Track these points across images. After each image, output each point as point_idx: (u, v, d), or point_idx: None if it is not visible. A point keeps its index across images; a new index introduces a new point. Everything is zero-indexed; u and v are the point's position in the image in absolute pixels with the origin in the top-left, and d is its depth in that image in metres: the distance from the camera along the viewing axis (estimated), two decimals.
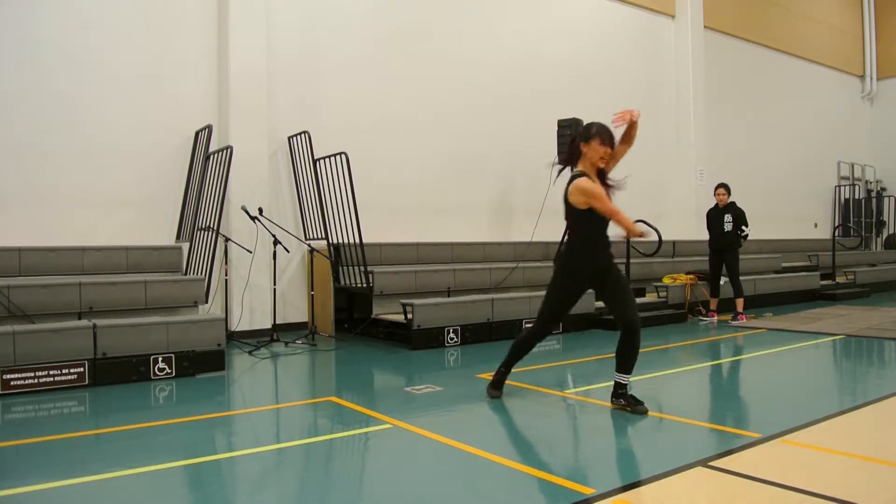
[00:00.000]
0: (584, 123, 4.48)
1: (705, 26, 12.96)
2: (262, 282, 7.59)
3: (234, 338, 7.21)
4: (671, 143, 12.67)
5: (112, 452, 3.65)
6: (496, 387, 4.72)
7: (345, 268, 7.56)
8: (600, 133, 4.27)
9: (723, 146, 13.43)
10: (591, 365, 6.19)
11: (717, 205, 8.99)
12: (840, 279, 12.71)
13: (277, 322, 7.74)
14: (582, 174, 4.28)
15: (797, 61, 15.70)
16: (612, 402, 4.38)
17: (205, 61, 7.68)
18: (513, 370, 4.77)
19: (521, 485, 3.10)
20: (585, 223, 4.29)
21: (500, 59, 10.15)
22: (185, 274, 6.97)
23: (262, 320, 7.65)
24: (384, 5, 9.05)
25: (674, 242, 11.31)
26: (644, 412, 4.19)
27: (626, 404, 4.27)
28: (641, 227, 4.54)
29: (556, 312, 4.56)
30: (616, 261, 4.50)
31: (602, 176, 4.35)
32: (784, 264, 12.47)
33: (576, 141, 4.41)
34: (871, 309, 9.87)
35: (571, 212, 4.32)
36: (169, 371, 5.40)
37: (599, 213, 4.19)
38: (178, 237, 7.35)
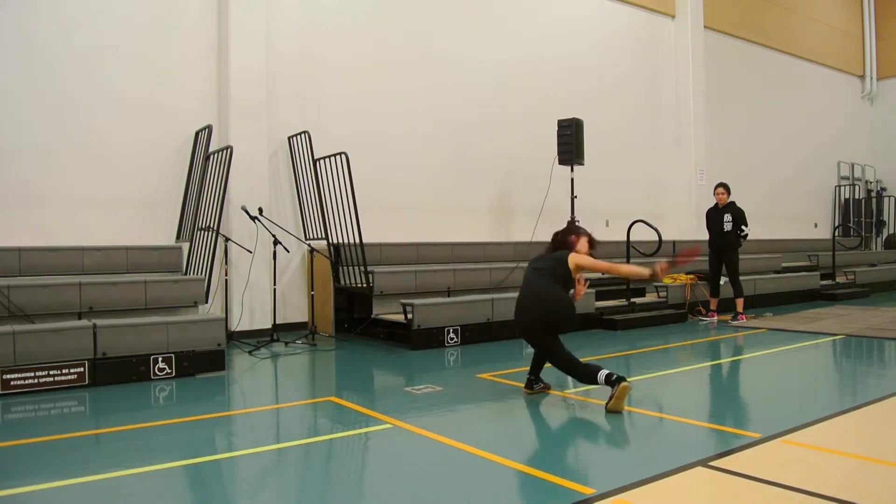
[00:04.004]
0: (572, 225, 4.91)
1: (705, 26, 12.96)
2: (262, 282, 7.59)
3: (234, 338, 7.21)
4: (671, 143, 12.67)
5: (112, 452, 3.65)
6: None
7: (345, 268, 7.56)
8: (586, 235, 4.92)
9: (723, 146, 13.43)
10: None
11: (716, 204, 8.99)
12: (840, 279, 12.70)
13: (277, 322, 7.73)
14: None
15: (797, 61, 15.70)
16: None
17: (205, 61, 7.68)
18: (512, 370, 4.77)
19: (522, 485, 3.10)
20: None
21: (500, 59, 10.15)
22: (185, 274, 6.97)
23: (262, 320, 7.65)
24: (384, 5, 9.05)
25: (674, 242, 11.29)
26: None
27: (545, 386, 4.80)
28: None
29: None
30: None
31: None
32: (784, 264, 12.47)
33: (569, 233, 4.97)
34: (871, 309, 9.87)
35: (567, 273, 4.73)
36: (169, 371, 5.39)
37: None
38: (178, 237, 7.35)
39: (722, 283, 9.07)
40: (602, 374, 4.33)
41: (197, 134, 7.46)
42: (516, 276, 8.54)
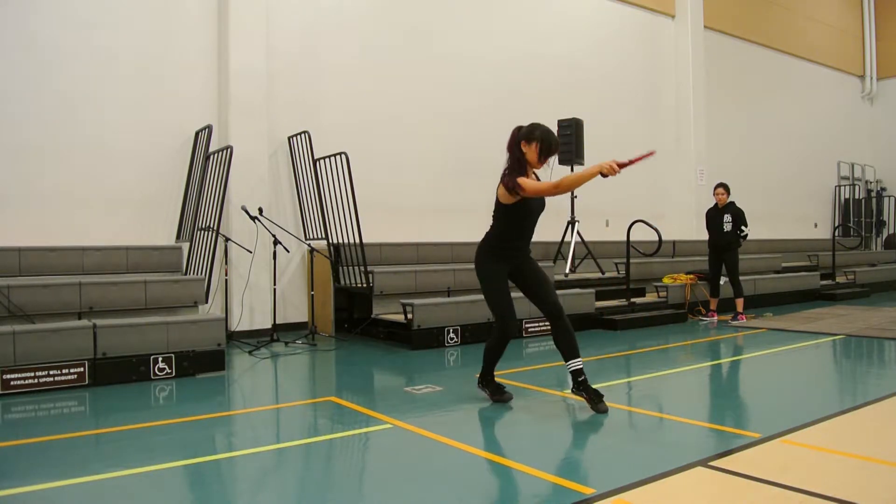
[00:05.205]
0: (532, 125, 4.33)
1: (705, 26, 12.96)
2: (262, 282, 7.59)
3: (234, 338, 7.21)
4: (671, 143, 12.67)
5: (112, 452, 3.65)
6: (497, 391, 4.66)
7: (345, 268, 7.56)
8: (543, 138, 4.20)
9: (723, 146, 13.43)
10: (590, 365, 6.17)
11: (716, 204, 8.99)
12: (840, 279, 12.70)
13: (277, 322, 7.73)
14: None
15: (797, 61, 15.70)
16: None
17: (205, 61, 7.68)
18: (512, 370, 4.76)
19: (522, 485, 3.10)
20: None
21: (500, 59, 10.15)
22: (185, 274, 6.97)
23: (262, 320, 7.65)
24: (384, 5, 9.05)
25: (674, 242, 11.31)
26: (604, 411, 4.19)
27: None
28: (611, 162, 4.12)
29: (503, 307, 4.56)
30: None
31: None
32: (784, 264, 12.47)
33: (517, 139, 4.33)
34: (871, 309, 9.87)
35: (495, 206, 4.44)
36: (169, 371, 5.39)
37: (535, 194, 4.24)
38: (178, 237, 7.35)
39: (722, 283, 9.08)
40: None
41: (197, 134, 7.46)
42: None
